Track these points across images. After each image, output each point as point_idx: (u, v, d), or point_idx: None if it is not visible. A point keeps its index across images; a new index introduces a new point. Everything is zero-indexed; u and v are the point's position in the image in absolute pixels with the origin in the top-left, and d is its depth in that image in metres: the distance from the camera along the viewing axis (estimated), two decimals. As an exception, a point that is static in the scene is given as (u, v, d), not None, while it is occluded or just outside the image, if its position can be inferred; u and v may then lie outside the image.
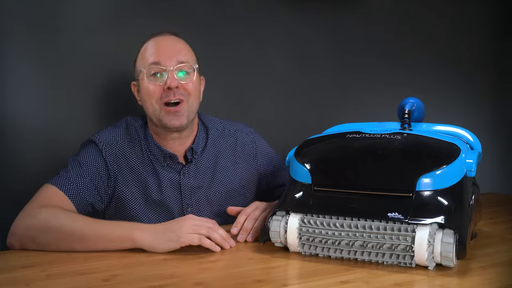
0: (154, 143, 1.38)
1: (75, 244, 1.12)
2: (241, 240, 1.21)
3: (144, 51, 1.36)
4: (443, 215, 1.00)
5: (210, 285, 0.94)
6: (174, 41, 1.37)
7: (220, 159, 1.45)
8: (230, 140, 1.48)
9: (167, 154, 1.37)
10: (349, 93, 2.09)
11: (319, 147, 1.19)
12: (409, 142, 1.11)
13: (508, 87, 2.44)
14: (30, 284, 0.94)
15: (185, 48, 1.38)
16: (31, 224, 1.15)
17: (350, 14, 2.07)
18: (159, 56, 1.33)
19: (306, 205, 1.10)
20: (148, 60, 1.34)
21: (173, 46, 1.36)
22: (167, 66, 1.32)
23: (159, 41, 1.36)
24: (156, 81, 1.33)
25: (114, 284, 0.94)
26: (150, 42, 1.37)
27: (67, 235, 1.12)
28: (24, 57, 1.52)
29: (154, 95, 1.33)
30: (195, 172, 1.41)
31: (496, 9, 2.42)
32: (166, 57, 1.33)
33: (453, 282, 0.96)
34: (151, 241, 1.11)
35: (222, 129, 1.49)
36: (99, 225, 1.14)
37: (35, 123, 1.54)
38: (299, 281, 0.99)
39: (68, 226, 1.13)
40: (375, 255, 1.04)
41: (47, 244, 1.13)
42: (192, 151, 1.40)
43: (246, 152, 1.50)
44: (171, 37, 1.38)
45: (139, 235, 1.11)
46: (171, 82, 1.31)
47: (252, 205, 1.27)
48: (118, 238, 1.12)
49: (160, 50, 1.34)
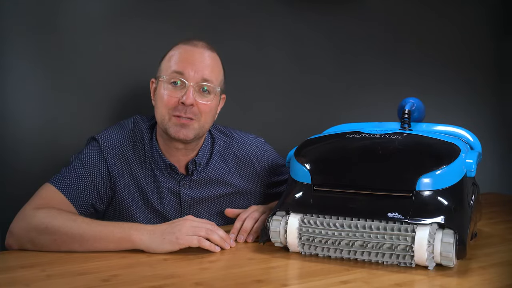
0: (157, 150, 1.35)
1: (74, 245, 1.12)
2: (241, 240, 1.21)
3: (173, 55, 1.31)
4: (443, 215, 1.00)
5: (210, 285, 0.94)
6: (206, 56, 1.31)
7: (224, 172, 1.41)
8: (238, 152, 1.44)
9: (167, 164, 1.35)
10: (349, 93, 2.08)
11: (319, 147, 1.19)
12: (409, 142, 1.11)
13: (508, 87, 2.44)
14: (30, 284, 0.94)
15: (214, 65, 1.32)
16: (29, 225, 1.14)
17: (350, 14, 2.07)
18: (184, 66, 1.28)
19: (306, 205, 1.10)
20: (172, 67, 1.28)
21: (202, 61, 1.30)
22: (188, 80, 1.27)
23: (191, 51, 1.30)
24: (173, 91, 1.28)
25: (114, 284, 0.94)
26: (182, 47, 1.31)
27: (65, 236, 1.12)
28: (24, 57, 1.52)
29: (168, 105, 1.27)
30: (196, 184, 1.38)
31: (496, 9, 2.41)
32: (191, 70, 1.27)
33: (453, 282, 0.96)
34: (150, 243, 1.10)
35: (230, 141, 1.44)
36: (97, 226, 1.13)
37: (35, 123, 1.54)
38: (299, 281, 0.99)
39: (67, 227, 1.12)
40: (375, 255, 1.04)
41: (46, 245, 1.13)
42: (194, 163, 1.37)
43: (255, 165, 1.46)
44: (205, 51, 1.32)
45: (138, 237, 1.11)
46: (187, 99, 1.26)
47: (249, 209, 1.27)
48: (117, 240, 1.11)
49: (187, 61, 1.28)
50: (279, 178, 1.50)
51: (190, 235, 1.10)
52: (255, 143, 1.48)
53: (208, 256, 1.10)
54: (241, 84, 1.87)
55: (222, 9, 1.82)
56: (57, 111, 1.57)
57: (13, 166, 1.52)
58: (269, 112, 1.92)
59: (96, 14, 1.62)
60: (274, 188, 1.50)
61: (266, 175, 1.48)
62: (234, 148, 1.44)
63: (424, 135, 1.14)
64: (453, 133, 1.25)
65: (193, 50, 1.31)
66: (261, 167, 1.47)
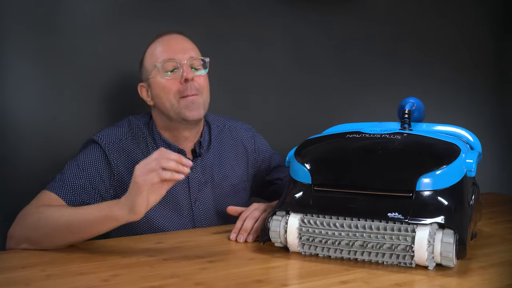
0: (161, 139, 1.38)
1: (65, 236, 1.12)
2: (241, 240, 1.21)
3: (154, 50, 1.37)
4: (443, 215, 1.00)
5: (210, 285, 0.94)
6: (183, 39, 1.39)
7: (223, 155, 1.47)
8: (230, 136, 1.50)
9: (176, 150, 1.37)
10: (349, 93, 2.09)
11: (319, 147, 1.19)
12: (409, 142, 1.11)
13: (508, 87, 2.44)
14: (30, 284, 0.94)
15: (193, 45, 1.40)
16: (23, 224, 1.17)
17: (350, 14, 2.07)
18: (171, 52, 1.34)
19: (306, 205, 1.10)
20: (160, 57, 1.34)
21: (183, 43, 1.38)
22: (181, 60, 1.33)
23: (168, 40, 1.37)
24: (172, 76, 1.33)
25: (114, 284, 0.94)
26: (159, 41, 1.38)
27: (55, 228, 1.12)
28: (24, 57, 1.52)
29: (172, 90, 1.33)
30: (202, 167, 1.42)
31: (496, 9, 2.42)
32: (179, 53, 1.34)
33: (453, 282, 0.96)
34: (129, 212, 1.07)
35: (222, 125, 1.51)
36: (81, 212, 1.13)
37: (35, 123, 1.54)
38: (299, 281, 0.99)
39: (54, 219, 1.13)
40: (375, 255, 1.04)
41: (40, 241, 1.13)
42: (200, 144, 1.41)
43: (246, 147, 1.52)
44: (179, 36, 1.40)
45: (119, 212, 1.08)
46: (188, 74, 1.32)
47: (250, 207, 1.27)
48: (102, 221, 1.10)
49: (171, 47, 1.35)
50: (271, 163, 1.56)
51: (146, 176, 1.06)
52: (244, 126, 1.56)
53: (208, 256, 1.10)
54: (241, 84, 1.87)
55: (222, 9, 1.82)
56: (57, 110, 1.57)
57: (14, 165, 1.52)
58: (269, 112, 1.92)
59: (96, 14, 1.62)
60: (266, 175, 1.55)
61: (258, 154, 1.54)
62: (228, 130, 1.51)
63: (424, 135, 1.14)
64: (453, 133, 1.25)
65: (170, 38, 1.38)
66: (253, 147, 1.54)
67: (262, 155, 1.55)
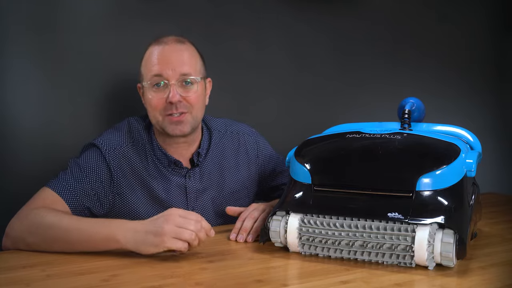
0: (159, 147, 1.37)
1: (63, 245, 1.10)
2: (241, 240, 1.21)
3: (148, 58, 1.33)
4: (443, 215, 1.00)
5: (210, 285, 0.94)
6: (178, 51, 1.33)
7: (224, 160, 1.45)
8: (233, 141, 1.48)
9: (172, 160, 1.36)
10: (349, 93, 2.09)
11: (319, 147, 1.19)
12: (409, 142, 1.11)
13: (508, 87, 2.44)
14: (30, 284, 0.94)
15: (189, 58, 1.34)
16: (21, 225, 1.15)
17: (350, 14, 2.07)
18: (161, 68, 1.30)
19: (306, 205, 1.10)
20: (150, 71, 1.31)
21: (177, 57, 1.31)
22: (169, 79, 1.29)
23: (163, 50, 1.32)
24: (158, 93, 1.31)
25: (114, 284, 0.94)
26: (154, 49, 1.33)
27: (54, 236, 1.11)
28: (24, 57, 1.52)
29: (158, 107, 1.31)
30: (200, 175, 1.40)
31: (496, 9, 2.41)
32: (169, 69, 1.29)
33: (453, 282, 0.96)
34: (135, 244, 1.06)
35: (224, 130, 1.48)
36: (83, 226, 1.10)
37: (34, 123, 1.54)
38: (299, 281, 0.99)
39: (54, 227, 1.11)
40: (375, 255, 1.04)
41: (37, 244, 1.12)
42: (198, 155, 1.39)
43: (248, 153, 1.50)
44: (176, 46, 1.33)
45: (123, 237, 1.06)
46: (173, 98, 1.29)
47: (249, 207, 1.27)
48: (103, 241, 1.08)
49: (163, 61, 1.30)
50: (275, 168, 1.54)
51: (174, 238, 1.04)
52: (248, 131, 1.53)
53: (208, 256, 1.10)
54: (241, 84, 1.87)
55: (222, 9, 1.82)
56: (57, 111, 1.57)
57: (13, 166, 1.52)
58: (269, 112, 1.92)
59: (96, 14, 1.62)
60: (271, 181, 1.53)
61: (261, 159, 1.52)
62: (231, 136, 1.48)
63: (424, 135, 1.14)
64: (453, 133, 1.25)
65: (164, 49, 1.32)
66: (256, 153, 1.51)
67: (266, 160, 1.52)
